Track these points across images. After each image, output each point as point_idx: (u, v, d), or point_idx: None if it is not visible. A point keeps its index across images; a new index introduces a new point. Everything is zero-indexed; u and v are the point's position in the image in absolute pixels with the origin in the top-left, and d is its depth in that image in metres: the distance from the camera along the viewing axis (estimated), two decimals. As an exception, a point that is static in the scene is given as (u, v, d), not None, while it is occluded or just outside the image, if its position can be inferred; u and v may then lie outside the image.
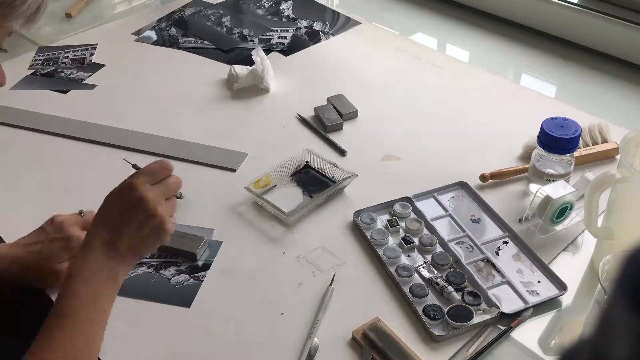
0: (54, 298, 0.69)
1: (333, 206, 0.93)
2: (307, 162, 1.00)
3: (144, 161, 1.02)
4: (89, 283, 0.66)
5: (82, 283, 0.66)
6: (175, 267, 0.84)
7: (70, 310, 0.65)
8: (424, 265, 0.83)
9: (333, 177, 0.97)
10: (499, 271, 0.82)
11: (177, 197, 0.78)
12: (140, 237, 0.70)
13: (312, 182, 0.97)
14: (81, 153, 1.05)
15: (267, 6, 1.48)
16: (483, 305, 0.77)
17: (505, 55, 1.31)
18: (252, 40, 1.35)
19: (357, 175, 0.95)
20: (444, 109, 1.14)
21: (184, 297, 0.80)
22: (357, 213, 0.90)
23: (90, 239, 0.69)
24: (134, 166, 0.78)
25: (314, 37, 1.36)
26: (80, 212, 0.84)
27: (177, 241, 0.85)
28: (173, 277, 0.83)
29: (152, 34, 1.38)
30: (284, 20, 1.42)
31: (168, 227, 0.71)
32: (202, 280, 0.82)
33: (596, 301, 0.70)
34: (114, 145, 1.06)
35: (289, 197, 0.95)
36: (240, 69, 1.19)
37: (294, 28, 1.39)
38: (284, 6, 1.47)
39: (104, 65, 1.27)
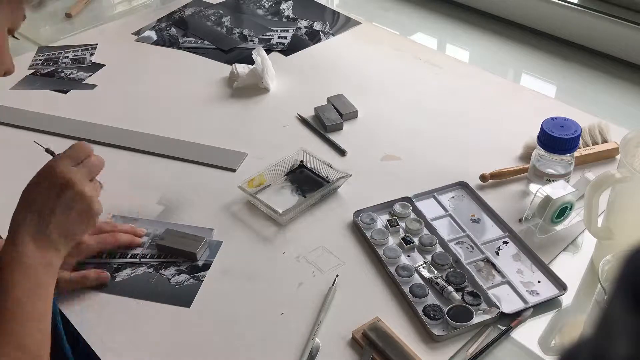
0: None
1: (333, 206, 0.94)
2: (301, 161, 1.00)
3: (143, 162, 1.03)
4: (26, 274, 0.65)
5: (19, 274, 0.64)
6: (175, 267, 0.84)
7: (11, 303, 0.63)
8: (424, 265, 0.83)
9: (327, 177, 0.97)
10: (499, 271, 0.82)
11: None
12: (69, 220, 0.68)
13: (306, 181, 0.97)
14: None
15: (267, 6, 1.48)
16: (483, 305, 0.77)
17: (505, 55, 1.31)
18: (252, 40, 1.35)
19: (350, 175, 0.95)
20: (444, 109, 1.14)
21: (183, 297, 0.80)
22: (357, 213, 0.90)
23: (16, 230, 0.67)
24: (47, 150, 0.75)
25: (314, 37, 1.36)
26: None
27: (177, 241, 0.85)
28: (173, 277, 0.83)
29: (152, 34, 1.38)
30: (284, 20, 1.42)
31: (96, 207, 0.71)
32: (202, 280, 0.82)
33: (596, 301, 0.70)
34: (114, 145, 1.06)
35: (283, 196, 0.95)
36: (242, 68, 1.20)
37: (294, 28, 1.39)
38: (284, 6, 1.47)
39: (104, 65, 1.27)
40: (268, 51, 1.26)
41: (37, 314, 0.65)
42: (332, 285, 0.80)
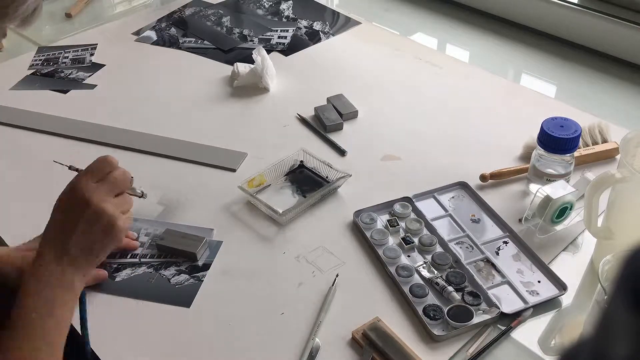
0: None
1: (333, 206, 0.94)
2: (301, 161, 1.00)
3: (143, 162, 1.03)
4: (42, 292, 0.65)
5: (35, 293, 0.65)
6: (176, 267, 0.84)
7: (24, 321, 0.63)
8: (424, 265, 0.83)
9: (327, 177, 0.97)
10: (499, 271, 0.82)
11: (139, 196, 0.76)
12: (90, 238, 0.68)
13: (306, 181, 0.97)
14: (82, 153, 1.05)
15: (267, 6, 1.48)
16: (483, 305, 0.77)
17: (505, 55, 1.31)
18: (252, 40, 1.35)
19: (350, 175, 0.95)
20: (444, 109, 1.14)
21: (183, 297, 0.80)
22: (357, 213, 0.90)
23: (42, 247, 0.68)
24: (70, 167, 0.76)
25: (314, 37, 1.36)
26: None
27: (177, 241, 0.85)
28: (173, 277, 0.83)
29: (152, 34, 1.38)
30: (284, 20, 1.42)
31: (120, 224, 0.70)
32: (202, 280, 0.82)
33: (596, 301, 0.70)
34: (114, 145, 1.06)
35: (283, 196, 0.95)
36: (243, 67, 1.20)
37: (294, 28, 1.39)
38: (284, 6, 1.47)
39: (104, 65, 1.27)
40: (268, 51, 1.26)
41: (46, 330, 0.64)
42: (332, 285, 0.80)
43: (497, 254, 0.85)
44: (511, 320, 0.76)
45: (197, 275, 0.83)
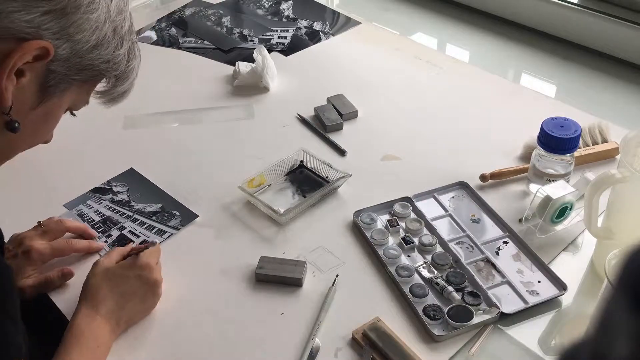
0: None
1: (333, 206, 0.93)
2: (301, 161, 1.00)
3: (143, 161, 1.03)
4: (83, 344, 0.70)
5: (76, 341, 0.70)
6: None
7: None
8: (424, 265, 0.83)
9: (327, 177, 0.97)
10: (499, 271, 0.82)
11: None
12: (135, 309, 0.76)
13: (306, 181, 0.97)
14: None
15: (267, 6, 1.48)
16: (483, 305, 0.77)
17: (505, 55, 1.31)
18: (252, 40, 1.35)
19: (350, 175, 0.95)
20: (443, 109, 1.14)
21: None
22: (357, 213, 0.90)
23: (97, 299, 0.73)
24: (140, 249, 0.80)
25: (314, 37, 1.36)
26: (39, 223, 0.84)
27: (278, 268, 0.82)
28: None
29: (152, 34, 1.38)
30: (284, 20, 1.42)
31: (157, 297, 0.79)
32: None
33: (602, 298, 0.70)
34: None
35: (283, 196, 0.95)
36: (244, 66, 1.20)
37: (294, 28, 1.39)
38: (284, 6, 1.47)
39: (104, 65, 1.27)
40: (268, 51, 1.26)
41: None
42: (332, 285, 0.80)
43: (497, 254, 0.85)
44: (511, 320, 0.76)
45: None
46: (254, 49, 1.22)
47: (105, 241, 0.88)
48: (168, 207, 0.93)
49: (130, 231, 0.90)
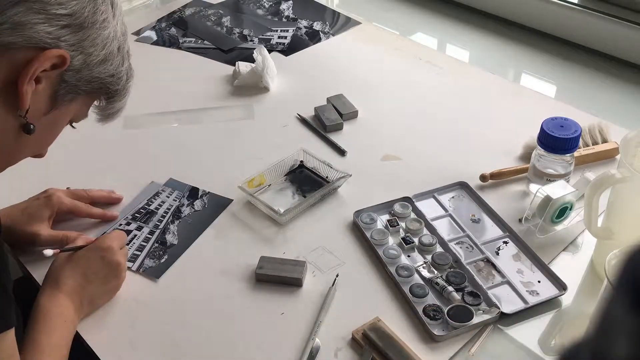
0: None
1: (333, 206, 0.94)
2: (301, 161, 1.00)
3: (143, 162, 1.03)
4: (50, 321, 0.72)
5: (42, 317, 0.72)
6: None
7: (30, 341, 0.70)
8: (424, 265, 0.83)
9: (327, 177, 0.97)
10: (499, 271, 0.82)
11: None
12: (99, 290, 0.78)
13: (306, 181, 0.97)
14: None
15: (267, 6, 1.48)
16: (483, 305, 0.77)
17: (505, 55, 1.31)
18: (252, 40, 1.35)
19: (350, 175, 0.95)
20: (444, 109, 1.14)
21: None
22: (357, 213, 0.90)
23: (60, 280, 0.76)
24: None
25: (314, 37, 1.36)
26: (67, 189, 0.92)
27: (278, 268, 0.82)
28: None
29: (152, 34, 1.38)
30: (284, 20, 1.42)
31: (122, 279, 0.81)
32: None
33: (603, 298, 0.70)
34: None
35: (283, 196, 0.95)
36: (244, 66, 1.20)
37: (294, 28, 1.39)
38: (284, 6, 1.47)
39: (104, 65, 1.27)
40: (268, 51, 1.26)
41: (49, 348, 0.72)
42: (332, 285, 0.80)
43: (497, 254, 0.85)
44: (511, 320, 0.76)
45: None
46: (254, 49, 1.22)
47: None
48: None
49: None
